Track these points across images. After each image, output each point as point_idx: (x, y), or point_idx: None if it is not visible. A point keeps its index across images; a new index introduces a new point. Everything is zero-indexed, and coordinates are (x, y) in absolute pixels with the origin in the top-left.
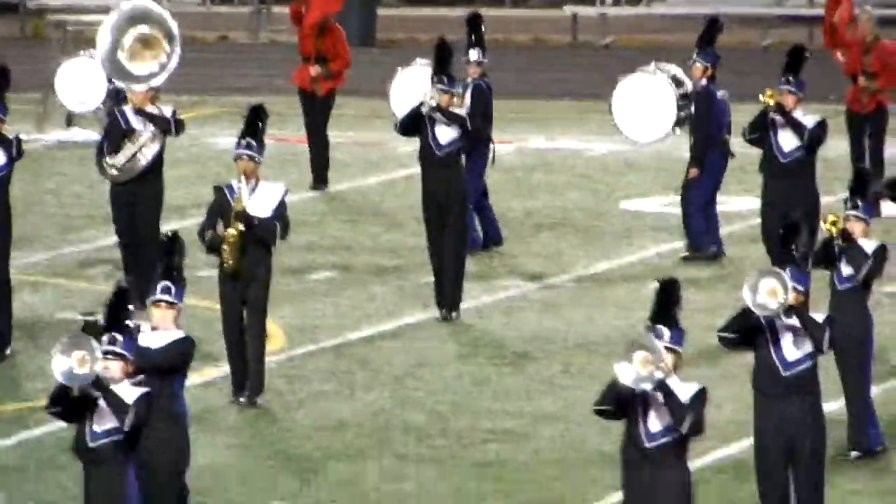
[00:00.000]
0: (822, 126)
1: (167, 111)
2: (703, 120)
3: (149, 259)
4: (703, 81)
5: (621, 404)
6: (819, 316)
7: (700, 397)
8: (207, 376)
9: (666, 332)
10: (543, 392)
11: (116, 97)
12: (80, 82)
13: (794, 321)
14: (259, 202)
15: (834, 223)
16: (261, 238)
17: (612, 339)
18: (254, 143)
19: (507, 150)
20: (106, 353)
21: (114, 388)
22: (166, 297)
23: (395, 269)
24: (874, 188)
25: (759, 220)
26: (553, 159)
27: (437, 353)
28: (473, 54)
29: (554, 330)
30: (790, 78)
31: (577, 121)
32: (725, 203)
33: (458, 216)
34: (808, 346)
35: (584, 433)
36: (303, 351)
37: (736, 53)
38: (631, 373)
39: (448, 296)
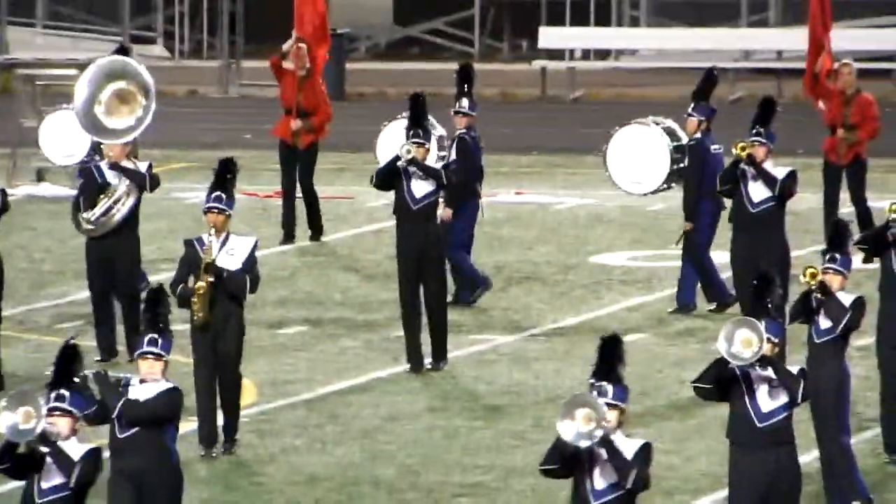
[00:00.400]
0: (792, 177)
1: (142, 166)
2: (696, 173)
3: (128, 313)
4: (698, 135)
5: (566, 462)
6: (793, 367)
7: (644, 453)
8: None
9: (609, 388)
10: (514, 446)
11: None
12: (63, 136)
13: (769, 372)
14: (229, 255)
15: (812, 276)
16: (230, 291)
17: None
18: (223, 196)
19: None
20: (53, 409)
21: (61, 444)
22: (153, 350)
23: (365, 323)
24: (851, 242)
25: (728, 273)
26: (522, 213)
27: (408, 406)
28: (462, 105)
29: (524, 384)
30: (761, 130)
31: (547, 174)
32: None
33: (436, 269)
34: (783, 398)
35: (555, 488)
36: (274, 405)
37: None
38: (573, 430)
39: (434, 347)
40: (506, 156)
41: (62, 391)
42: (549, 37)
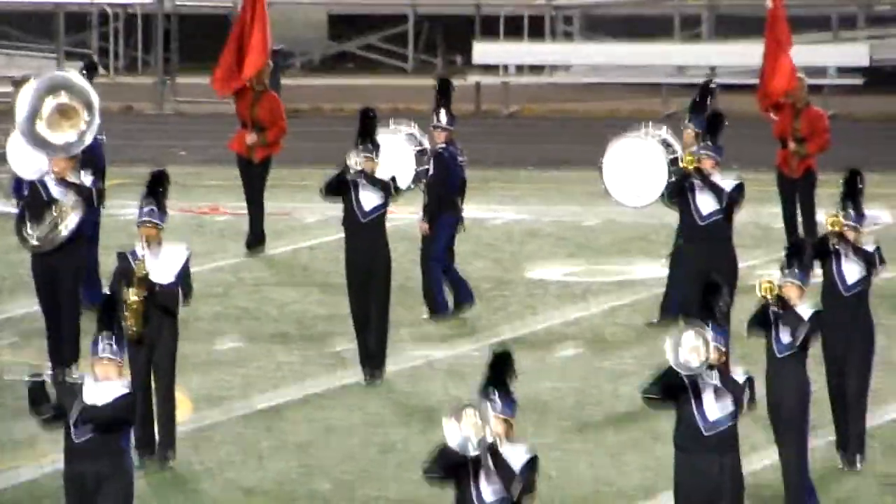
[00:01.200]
0: (739, 189)
1: (87, 181)
2: None
3: (70, 328)
4: (695, 147)
5: (450, 468)
6: (739, 376)
7: (531, 462)
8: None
9: (498, 399)
10: None
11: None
12: (31, 151)
13: (716, 380)
14: (162, 267)
15: (769, 289)
16: (163, 304)
17: (519, 406)
18: (155, 209)
19: (409, 219)
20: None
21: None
22: (108, 354)
23: (301, 337)
24: (809, 255)
25: (663, 289)
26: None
27: (344, 421)
28: (440, 119)
29: (460, 397)
30: (709, 142)
31: (482, 189)
32: (629, 273)
33: (383, 281)
34: (729, 405)
35: None
36: (210, 420)
37: (637, 121)
38: (458, 436)
39: (373, 358)
40: None
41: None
42: (483, 52)
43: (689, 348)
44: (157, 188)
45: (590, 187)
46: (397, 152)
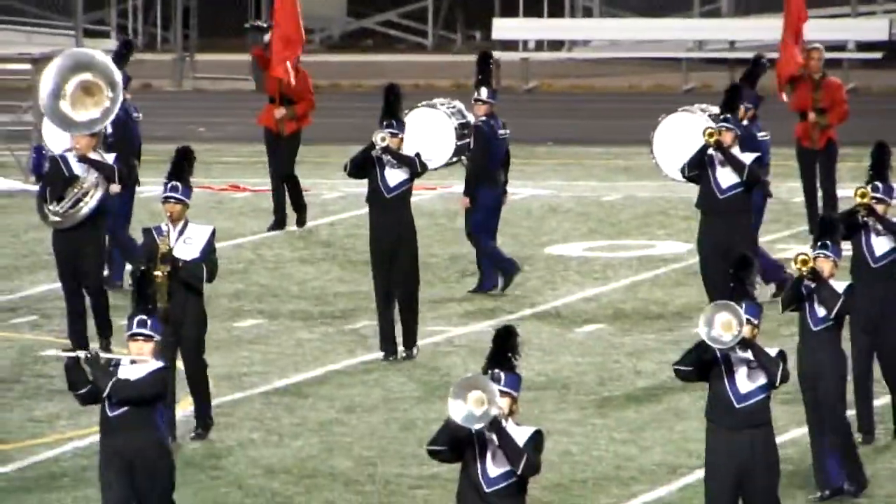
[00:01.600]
0: (759, 163)
1: (110, 158)
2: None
3: (96, 304)
4: (745, 122)
5: (455, 444)
6: (772, 350)
7: (536, 439)
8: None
9: (502, 375)
10: None
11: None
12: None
13: (748, 354)
14: (186, 244)
15: (804, 262)
16: (187, 280)
17: (538, 384)
18: (180, 185)
19: (429, 195)
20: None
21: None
22: (143, 331)
23: (321, 315)
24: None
25: (683, 264)
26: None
27: (364, 398)
28: (481, 93)
29: (480, 375)
30: (728, 116)
31: None
32: (650, 247)
33: (408, 257)
34: (761, 380)
35: None
36: (230, 398)
37: (657, 97)
38: (463, 411)
39: (405, 334)
40: None
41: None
42: (503, 28)
43: (722, 323)
44: (181, 164)
45: (610, 162)
46: (438, 127)
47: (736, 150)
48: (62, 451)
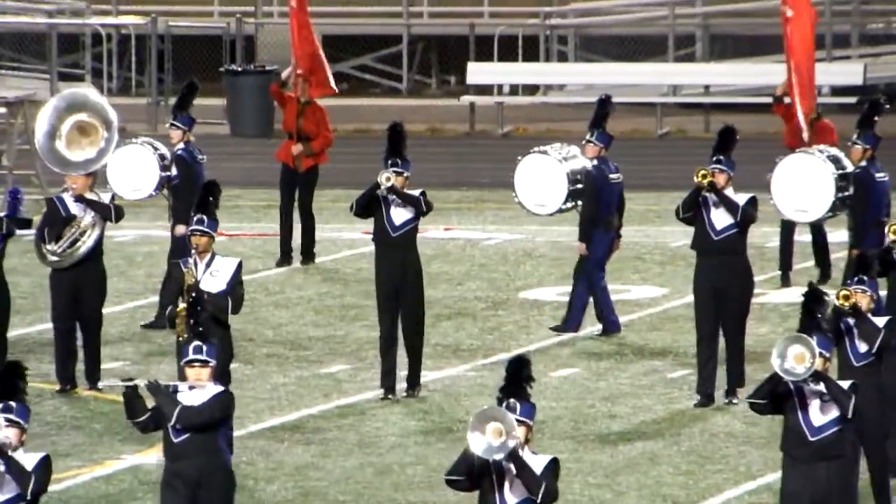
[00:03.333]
0: (753, 203)
1: (105, 198)
2: (862, 202)
3: (92, 341)
4: (864, 163)
5: (474, 475)
6: (844, 383)
7: (552, 467)
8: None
9: (517, 405)
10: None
11: (169, 183)
12: (130, 170)
13: (821, 387)
14: (213, 276)
15: (846, 298)
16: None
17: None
18: (206, 218)
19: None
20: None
21: (13, 455)
22: (199, 357)
23: (297, 359)
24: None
25: (658, 309)
26: (451, 249)
27: (340, 443)
28: (592, 135)
29: (455, 420)
30: (721, 157)
31: (476, 210)
32: (625, 292)
33: (414, 296)
34: (834, 412)
35: None
36: None
37: (631, 141)
38: (483, 443)
39: (410, 373)
40: (435, 191)
41: (10, 403)
42: (478, 72)
43: (795, 355)
44: (208, 197)
45: None
46: (550, 173)
47: (729, 191)
48: (74, 483)
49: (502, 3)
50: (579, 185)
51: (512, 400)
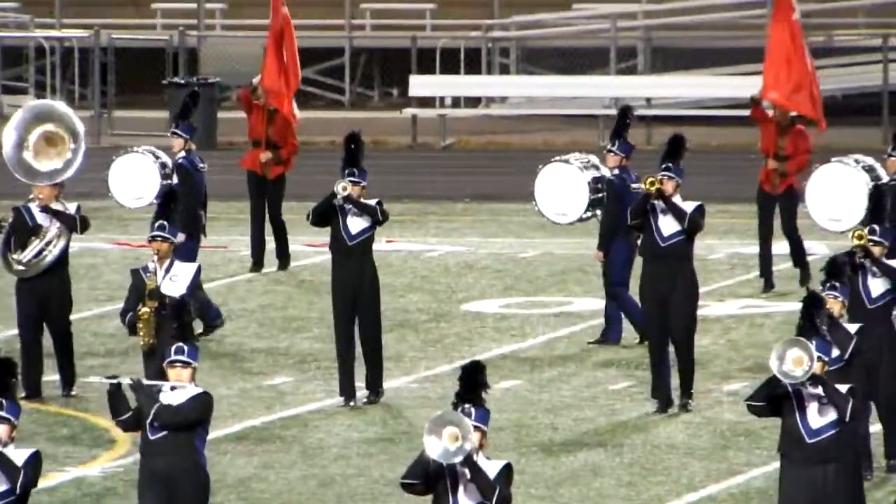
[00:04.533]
0: (700, 211)
1: (72, 208)
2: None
3: (62, 349)
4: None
5: (429, 478)
6: (843, 387)
7: (506, 472)
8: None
9: (472, 411)
10: (389, 494)
11: (170, 192)
12: (131, 179)
13: (819, 390)
14: (173, 281)
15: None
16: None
17: None
18: (166, 224)
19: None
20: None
21: (3, 451)
22: (181, 357)
23: (239, 371)
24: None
25: (601, 321)
26: (393, 261)
27: (282, 455)
28: (613, 145)
29: (398, 432)
30: (670, 164)
31: (418, 222)
32: (567, 304)
33: (371, 303)
34: (832, 415)
35: None
36: None
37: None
38: (439, 447)
39: (372, 378)
40: None
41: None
42: (420, 85)
43: (793, 358)
44: (168, 204)
45: (527, 219)
46: (571, 182)
47: (677, 199)
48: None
49: (445, 16)
50: (600, 194)
51: (467, 405)
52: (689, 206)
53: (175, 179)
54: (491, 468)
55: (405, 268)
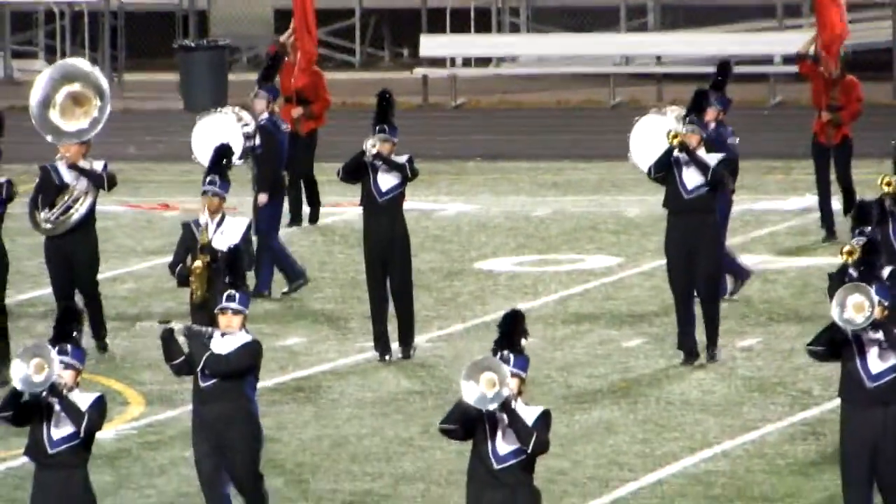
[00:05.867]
0: (724, 164)
1: (98, 166)
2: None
3: (90, 307)
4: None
5: (467, 424)
6: None
7: (544, 418)
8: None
9: (511, 357)
10: (402, 453)
11: (252, 152)
12: (212, 138)
13: (879, 335)
14: (224, 236)
15: (850, 253)
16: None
17: None
18: (218, 179)
19: (358, 211)
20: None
21: (69, 395)
22: (231, 305)
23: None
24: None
25: (613, 278)
26: (406, 220)
27: (295, 415)
28: (711, 98)
29: (411, 391)
30: (693, 118)
31: (429, 182)
32: (579, 262)
33: (401, 259)
34: (892, 359)
35: (445, 494)
36: (162, 416)
37: (585, 112)
38: (476, 392)
39: (403, 334)
40: None
41: (65, 346)
42: (430, 45)
43: (854, 304)
44: (220, 160)
45: (538, 177)
46: (653, 135)
47: (701, 152)
48: (8, 466)
49: None
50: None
51: (506, 352)
52: (713, 159)
53: (258, 141)
54: (529, 414)
55: (417, 227)
